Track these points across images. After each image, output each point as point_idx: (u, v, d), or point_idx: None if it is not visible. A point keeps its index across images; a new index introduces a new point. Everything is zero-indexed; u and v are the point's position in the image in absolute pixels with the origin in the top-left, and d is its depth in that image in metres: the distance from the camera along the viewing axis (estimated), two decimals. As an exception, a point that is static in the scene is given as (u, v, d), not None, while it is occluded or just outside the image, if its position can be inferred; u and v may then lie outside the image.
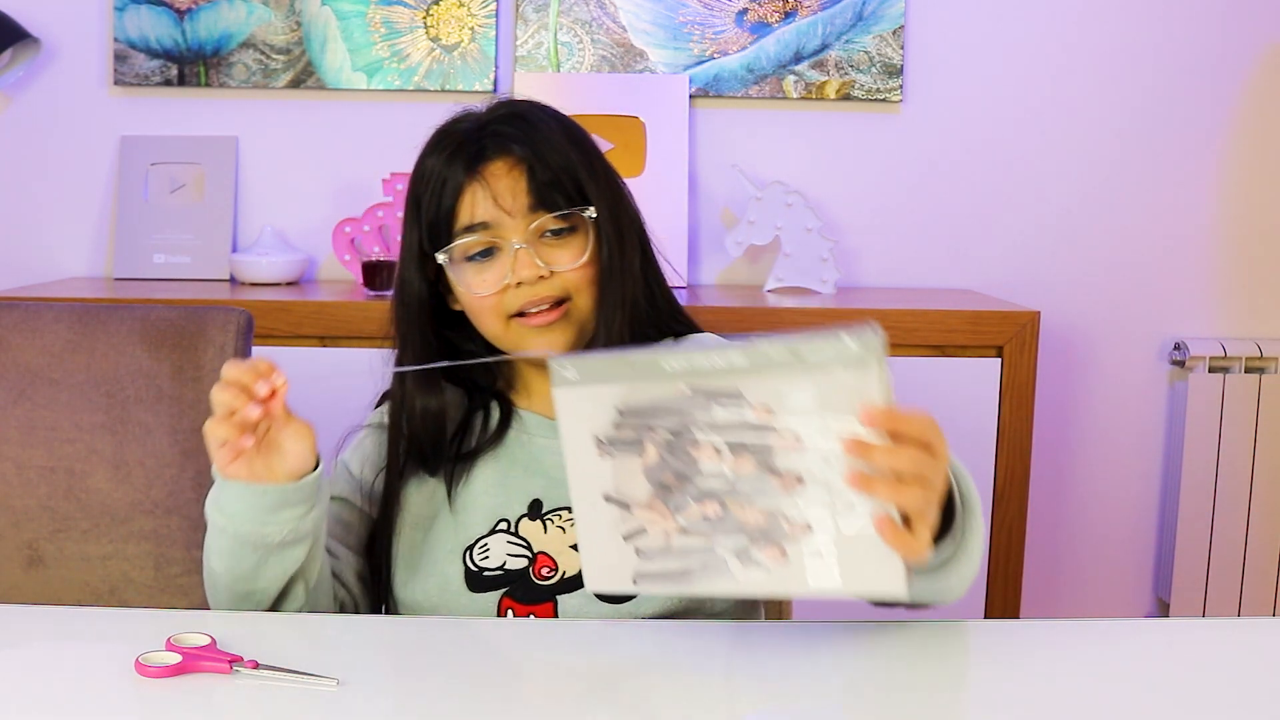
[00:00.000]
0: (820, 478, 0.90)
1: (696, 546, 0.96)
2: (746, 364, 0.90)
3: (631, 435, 0.95)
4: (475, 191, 1.20)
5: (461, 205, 1.21)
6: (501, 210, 1.20)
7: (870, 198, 2.67)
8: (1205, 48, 2.65)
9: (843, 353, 0.87)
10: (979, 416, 2.29)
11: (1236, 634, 1.15)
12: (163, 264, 2.61)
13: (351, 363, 2.22)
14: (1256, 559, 2.65)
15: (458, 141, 1.22)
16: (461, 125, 1.24)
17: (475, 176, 1.20)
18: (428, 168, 1.23)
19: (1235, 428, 2.62)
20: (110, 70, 2.63)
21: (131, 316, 1.50)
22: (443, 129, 1.25)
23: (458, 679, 0.97)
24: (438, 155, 1.23)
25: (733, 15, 2.61)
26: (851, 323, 0.87)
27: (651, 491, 0.96)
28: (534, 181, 1.20)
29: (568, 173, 1.21)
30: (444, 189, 1.21)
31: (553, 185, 1.20)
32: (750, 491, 0.92)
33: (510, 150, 1.20)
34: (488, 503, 1.25)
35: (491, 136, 1.21)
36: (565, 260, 1.21)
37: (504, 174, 1.20)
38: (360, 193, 2.63)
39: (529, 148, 1.20)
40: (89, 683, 0.94)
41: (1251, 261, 2.71)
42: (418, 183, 1.24)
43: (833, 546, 0.91)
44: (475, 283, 1.22)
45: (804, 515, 0.91)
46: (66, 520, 1.48)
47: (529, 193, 1.20)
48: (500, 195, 1.20)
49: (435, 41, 2.62)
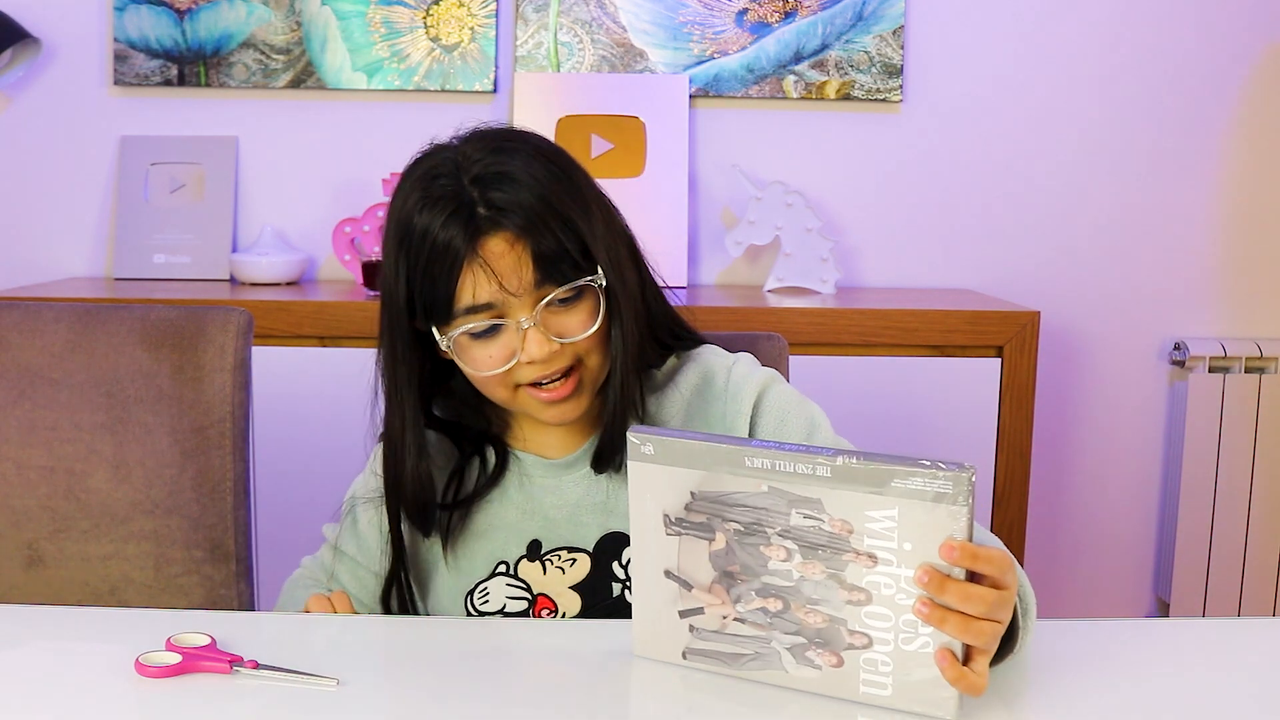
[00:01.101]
0: (888, 598, 0.89)
1: (752, 635, 0.96)
2: (831, 477, 0.88)
3: (702, 520, 0.94)
4: (476, 272, 1.11)
5: (462, 285, 1.12)
6: (507, 292, 1.11)
7: (870, 198, 2.68)
8: (1205, 48, 2.65)
9: (933, 487, 0.85)
10: (979, 416, 2.29)
11: (1236, 634, 1.15)
12: (163, 264, 2.61)
13: (351, 363, 2.21)
14: (1256, 559, 2.65)
15: (448, 208, 1.11)
16: (444, 184, 1.13)
17: (474, 255, 1.11)
18: (417, 228, 1.12)
19: (1235, 428, 2.62)
20: (110, 70, 2.63)
21: (131, 316, 1.50)
22: (423, 185, 1.14)
23: (458, 679, 0.97)
24: (428, 216, 1.12)
25: (733, 15, 2.61)
26: (947, 459, 0.86)
27: (715, 577, 0.96)
28: (538, 256, 1.12)
29: (570, 235, 1.13)
30: (439, 263, 1.11)
31: (557, 256, 1.12)
32: (816, 596, 0.92)
33: (506, 225, 1.11)
34: (486, 547, 1.23)
35: (485, 205, 1.11)
36: (575, 329, 1.15)
37: (504, 252, 1.11)
38: (360, 193, 2.63)
39: (527, 219, 1.11)
40: (89, 683, 0.94)
41: (1251, 261, 2.71)
42: (404, 246, 1.13)
43: (890, 662, 0.91)
44: (481, 360, 1.15)
45: (866, 627, 0.91)
46: (66, 520, 1.48)
47: (533, 269, 1.12)
48: (504, 277, 1.11)
49: (435, 41, 2.62)
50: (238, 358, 1.48)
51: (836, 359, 2.26)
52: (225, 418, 1.48)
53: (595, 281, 1.15)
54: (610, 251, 1.16)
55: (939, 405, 2.29)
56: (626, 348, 1.18)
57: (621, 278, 1.17)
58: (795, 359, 1.50)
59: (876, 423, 2.29)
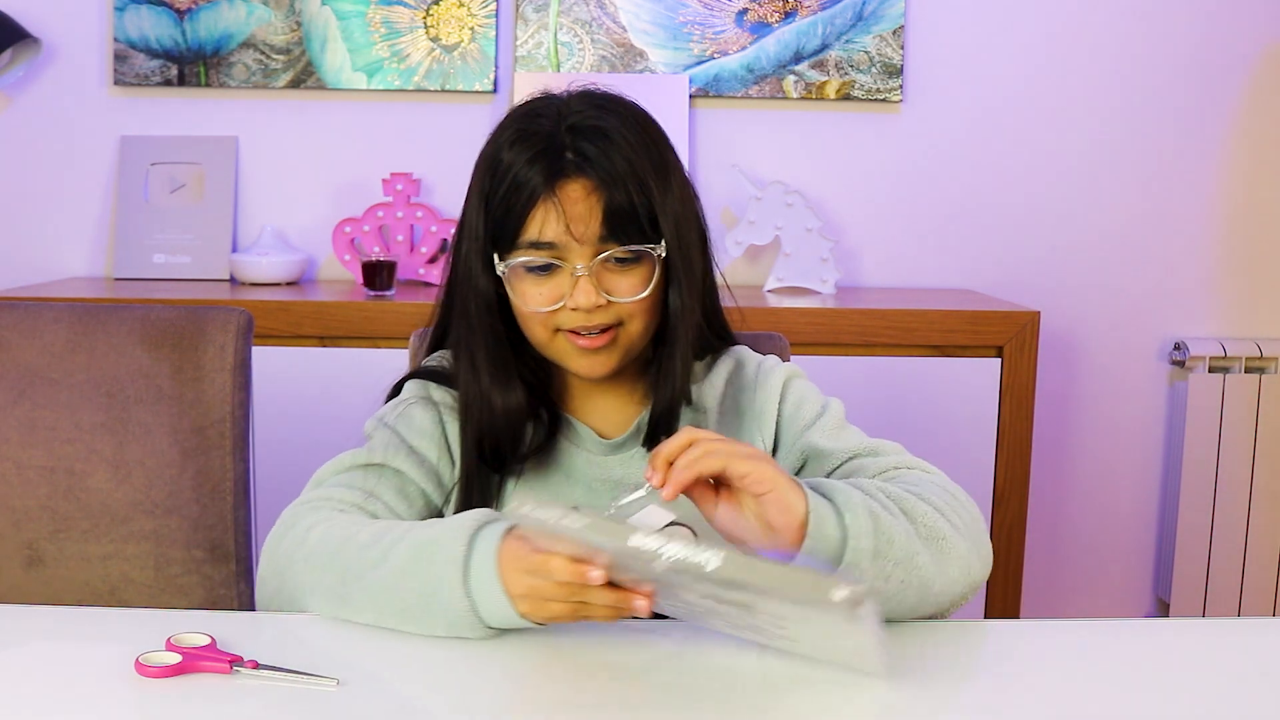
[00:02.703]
0: (801, 628, 0.92)
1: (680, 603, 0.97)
2: (719, 576, 0.87)
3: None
4: (548, 209, 1.16)
5: (532, 218, 1.16)
6: (571, 236, 1.16)
7: (870, 198, 2.68)
8: (1205, 48, 2.65)
9: (825, 601, 0.85)
10: (979, 416, 2.29)
11: (1236, 634, 1.15)
12: (163, 264, 2.61)
13: (351, 363, 2.22)
14: (1256, 559, 2.65)
15: (538, 146, 1.16)
16: (542, 122, 1.18)
17: (550, 194, 1.15)
18: (504, 163, 1.18)
19: (1235, 428, 2.62)
20: (110, 70, 2.63)
21: (131, 316, 1.50)
22: (522, 122, 1.19)
23: (459, 679, 0.97)
24: (516, 152, 1.17)
25: (733, 15, 2.61)
26: (840, 574, 0.87)
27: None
28: (609, 211, 1.16)
29: (644, 203, 1.17)
30: (516, 195, 1.16)
31: (627, 217, 1.16)
32: (728, 614, 0.94)
33: (590, 173, 1.16)
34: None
35: (575, 151, 1.16)
36: (625, 291, 1.18)
37: (580, 198, 1.16)
38: (360, 193, 2.63)
39: (609, 174, 1.16)
40: (89, 683, 0.94)
41: (1251, 261, 2.71)
42: (490, 173, 1.19)
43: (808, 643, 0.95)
44: (531, 295, 1.19)
45: (781, 632, 0.94)
46: (66, 520, 1.48)
47: (602, 222, 1.16)
48: (573, 220, 1.15)
49: (435, 41, 2.62)
50: (238, 358, 1.48)
51: (836, 359, 2.26)
52: (225, 418, 1.48)
53: (655, 251, 1.18)
54: (679, 228, 1.20)
55: (939, 405, 2.29)
56: (685, 323, 1.22)
57: (686, 256, 1.21)
58: (795, 359, 1.50)
59: (876, 423, 2.28)
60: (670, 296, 1.21)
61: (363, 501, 1.18)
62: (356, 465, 1.22)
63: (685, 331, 1.22)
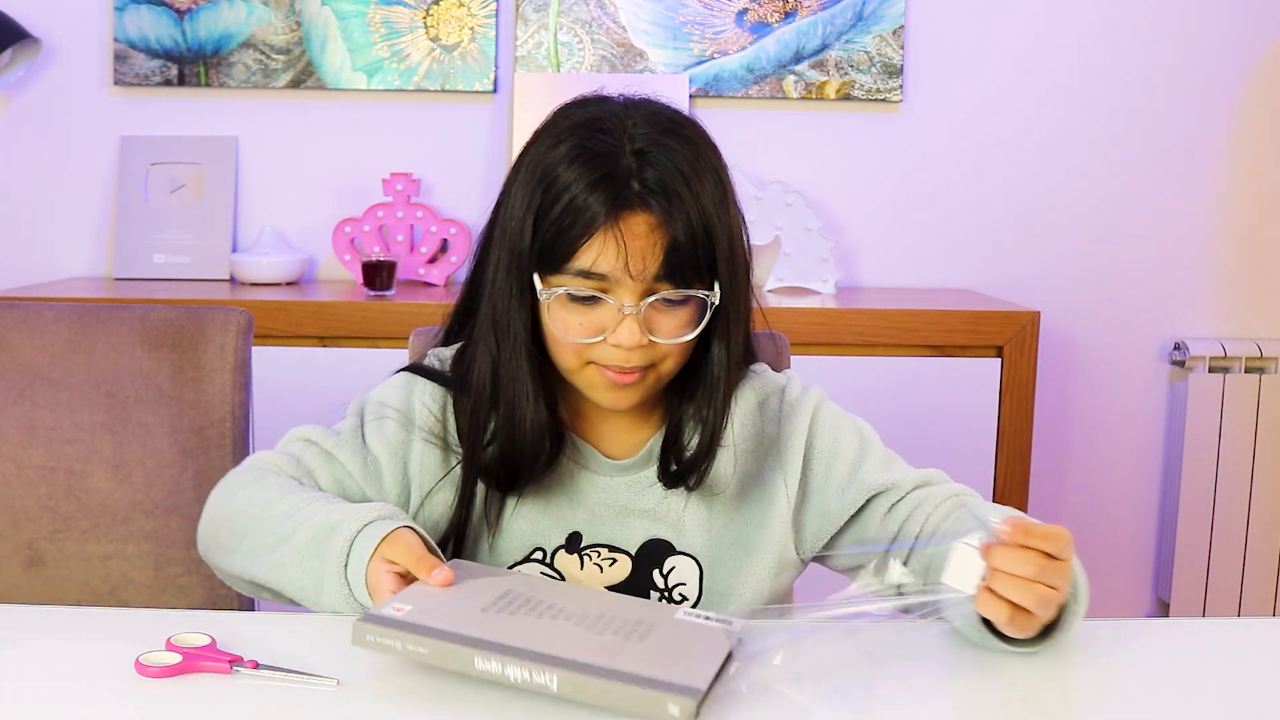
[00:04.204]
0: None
1: None
2: (559, 693, 0.89)
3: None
4: (607, 240, 1.08)
5: (587, 247, 1.09)
6: (627, 272, 1.09)
7: (870, 198, 2.67)
8: (1205, 48, 2.65)
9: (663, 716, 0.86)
10: (979, 416, 2.29)
11: (1236, 634, 1.15)
12: (163, 264, 2.61)
13: (351, 363, 2.22)
14: (1256, 559, 2.65)
15: (602, 169, 1.09)
16: (606, 143, 1.10)
17: (611, 224, 1.08)
18: (562, 181, 1.09)
19: (1235, 428, 2.62)
20: (110, 70, 2.63)
21: (131, 316, 1.50)
22: (582, 137, 1.11)
23: (458, 679, 0.96)
24: (575, 173, 1.09)
25: (733, 15, 2.61)
26: (674, 686, 0.87)
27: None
28: (670, 250, 1.09)
29: (705, 244, 1.10)
30: (573, 219, 1.09)
31: (686, 258, 1.09)
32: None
33: (656, 209, 1.08)
34: (526, 529, 1.21)
35: (639, 182, 1.08)
36: (669, 332, 1.12)
37: (642, 234, 1.08)
38: (360, 193, 2.63)
39: (679, 214, 1.08)
40: (89, 683, 0.94)
41: (1251, 261, 2.71)
42: (544, 189, 1.11)
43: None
44: (571, 325, 1.12)
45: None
46: (66, 520, 1.48)
47: (661, 261, 1.09)
48: (632, 256, 1.08)
49: (435, 41, 2.62)
50: (238, 358, 1.48)
51: (836, 359, 2.26)
52: (225, 418, 1.48)
53: (709, 297, 1.12)
54: (731, 274, 1.13)
55: (939, 405, 2.29)
56: (730, 371, 1.17)
57: (736, 303, 1.15)
58: (795, 359, 1.50)
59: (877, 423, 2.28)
60: (715, 347, 1.16)
61: (300, 476, 1.20)
62: (313, 442, 1.23)
63: (730, 377, 1.17)
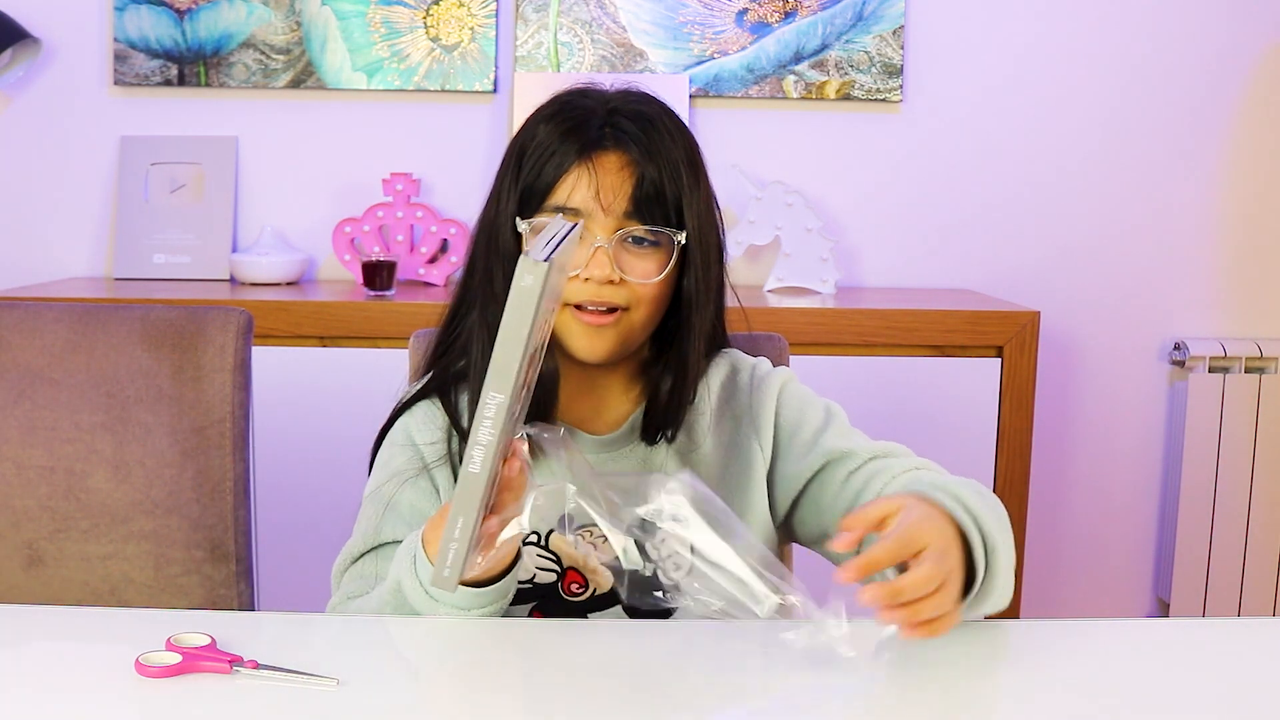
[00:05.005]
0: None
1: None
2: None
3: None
4: (580, 176, 1.17)
5: (562, 183, 1.18)
6: (598, 204, 1.17)
7: (870, 198, 2.68)
8: (1205, 48, 2.65)
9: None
10: (979, 416, 2.29)
11: (1236, 634, 1.15)
12: (163, 264, 2.61)
13: (351, 363, 2.22)
14: (1256, 559, 2.65)
15: (578, 119, 1.19)
16: (585, 101, 1.21)
17: (585, 161, 1.17)
18: (539, 133, 1.20)
19: (1235, 428, 2.62)
20: (110, 70, 2.63)
21: (131, 316, 1.50)
22: (564, 99, 1.22)
23: (458, 679, 0.97)
24: (553, 125, 1.19)
25: (733, 15, 2.61)
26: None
27: None
28: (639, 187, 1.18)
29: (673, 191, 1.19)
30: (549, 160, 1.18)
31: (655, 198, 1.18)
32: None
33: (627, 148, 1.18)
34: None
35: (613, 127, 1.18)
36: (640, 273, 1.18)
37: (614, 169, 1.18)
38: (360, 193, 2.63)
39: (646, 153, 1.18)
40: (89, 683, 0.94)
41: (1251, 261, 2.71)
42: (524, 144, 1.20)
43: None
44: None
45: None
46: (66, 520, 1.48)
47: (630, 197, 1.17)
48: (603, 189, 1.17)
49: (435, 41, 2.62)
50: (238, 358, 1.48)
51: (836, 359, 2.26)
52: (225, 418, 1.48)
53: (677, 237, 1.19)
54: (701, 223, 1.21)
55: (939, 405, 2.29)
56: (700, 315, 1.21)
57: (705, 251, 1.21)
58: (795, 359, 1.50)
59: (877, 423, 2.28)
60: (684, 285, 1.21)
61: (375, 587, 1.20)
62: (356, 555, 1.22)
63: (700, 323, 1.22)
